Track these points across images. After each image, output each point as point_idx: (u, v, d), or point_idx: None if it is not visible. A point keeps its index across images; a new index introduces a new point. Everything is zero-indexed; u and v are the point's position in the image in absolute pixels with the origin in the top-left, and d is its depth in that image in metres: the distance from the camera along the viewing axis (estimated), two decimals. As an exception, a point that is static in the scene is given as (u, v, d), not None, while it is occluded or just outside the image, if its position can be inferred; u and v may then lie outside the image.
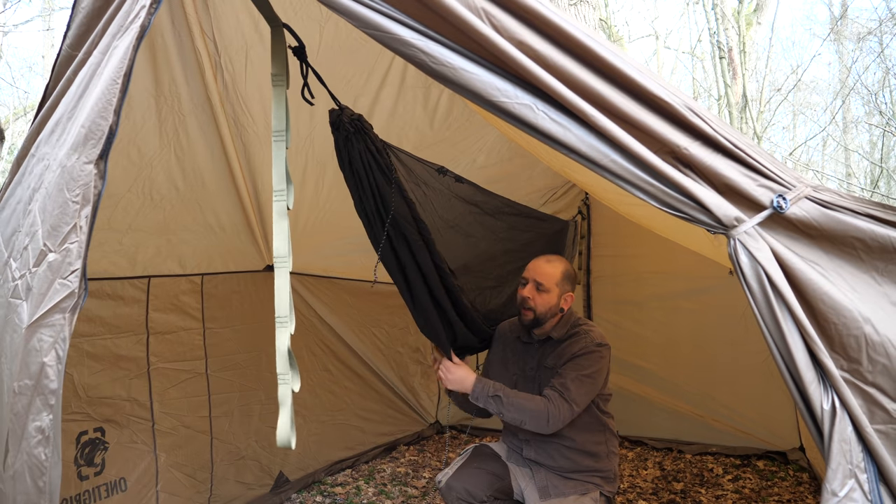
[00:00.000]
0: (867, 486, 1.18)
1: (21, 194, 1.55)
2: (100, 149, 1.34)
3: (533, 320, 2.41)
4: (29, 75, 13.21)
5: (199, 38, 2.29)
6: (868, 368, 1.21)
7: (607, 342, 2.43)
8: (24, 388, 1.31)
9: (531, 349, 2.50)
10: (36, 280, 1.34)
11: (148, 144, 2.39)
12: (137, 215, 2.55)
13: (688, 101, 1.33)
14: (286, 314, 1.61)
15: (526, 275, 2.46)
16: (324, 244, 3.55)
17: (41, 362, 1.30)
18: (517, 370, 2.52)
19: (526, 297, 2.40)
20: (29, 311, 1.33)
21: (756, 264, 1.24)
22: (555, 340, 2.44)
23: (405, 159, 2.34)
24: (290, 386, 1.61)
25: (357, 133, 2.07)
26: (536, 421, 2.24)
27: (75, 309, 1.31)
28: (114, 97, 1.35)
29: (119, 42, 1.43)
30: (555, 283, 2.41)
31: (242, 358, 3.23)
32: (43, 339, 1.31)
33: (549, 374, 2.40)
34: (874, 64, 11.79)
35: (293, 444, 1.59)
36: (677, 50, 15.04)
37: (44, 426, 1.29)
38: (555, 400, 2.26)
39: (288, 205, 1.70)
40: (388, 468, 3.94)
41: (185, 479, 2.92)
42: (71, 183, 1.34)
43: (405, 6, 1.34)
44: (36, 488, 1.29)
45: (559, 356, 2.39)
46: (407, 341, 4.41)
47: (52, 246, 1.34)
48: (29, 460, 1.30)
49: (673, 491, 3.49)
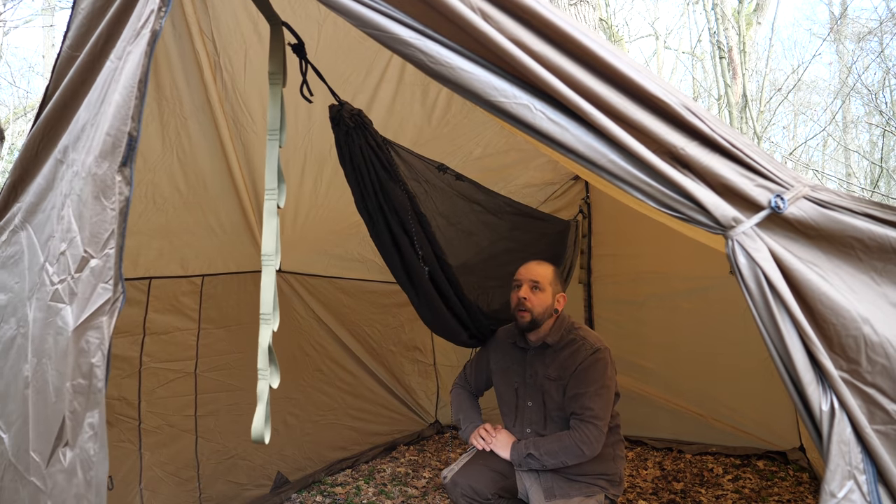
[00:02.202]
0: (866, 488, 1.18)
1: (54, 200, 1.61)
2: (122, 156, 1.42)
3: (530, 322, 2.41)
4: (29, 75, 13.22)
5: (198, 39, 2.29)
6: (867, 369, 1.21)
7: (605, 344, 2.44)
8: (80, 387, 1.41)
9: (529, 355, 2.51)
10: (80, 285, 1.42)
11: (151, 149, 2.40)
12: (140, 219, 2.55)
13: (685, 100, 1.32)
14: (270, 311, 1.68)
15: (518, 278, 2.47)
16: (323, 241, 3.56)
17: (90, 363, 1.39)
18: (518, 379, 2.53)
19: (522, 298, 2.41)
20: (75, 315, 1.42)
21: (754, 265, 1.24)
22: (552, 348, 2.44)
23: (405, 155, 2.35)
24: (268, 382, 1.67)
25: (357, 128, 2.08)
26: (574, 457, 2.29)
27: (114, 311, 1.41)
28: (132, 104, 1.43)
29: (133, 48, 1.48)
30: (548, 283, 2.43)
31: (234, 358, 3.23)
32: (90, 340, 1.40)
33: (553, 385, 2.41)
34: (874, 64, 11.79)
35: (266, 439, 1.67)
36: (677, 50, 15.04)
37: (94, 423, 1.40)
38: (579, 428, 2.30)
39: (278, 203, 1.72)
40: (388, 468, 3.94)
41: (169, 477, 2.92)
42: (106, 191, 1.42)
43: (404, 5, 1.33)
44: (85, 482, 1.38)
45: (562, 367, 2.40)
46: (401, 340, 4.41)
47: (94, 252, 1.42)
48: (81, 454, 1.39)
49: (673, 491, 3.49)
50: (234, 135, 2.68)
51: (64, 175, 1.59)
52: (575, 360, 2.38)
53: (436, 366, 4.69)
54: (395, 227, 2.28)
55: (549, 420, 2.45)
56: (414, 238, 2.33)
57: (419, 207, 2.32)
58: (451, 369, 4.66)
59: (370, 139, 2.13)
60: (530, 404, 2.48)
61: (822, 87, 15.46)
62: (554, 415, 2.43)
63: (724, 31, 10.59)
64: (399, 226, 2.28)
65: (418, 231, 2.33)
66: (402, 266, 2.39)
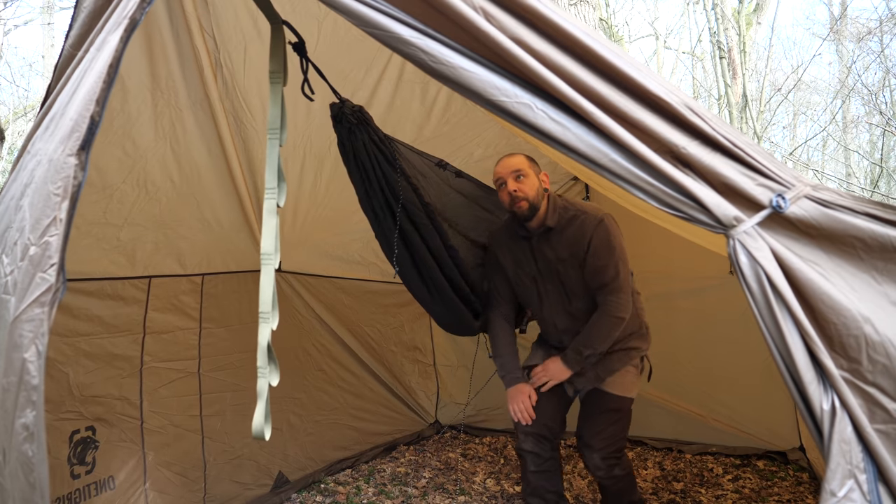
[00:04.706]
0: (866, 487, 1.18)
1: (14, 191, 1.54)
2: (81, 140, 1.33)
3: (529, 209, 2.42)
4: (29, 74, 13.21)
5: (197, 36, 2.29)
6: (868, 368, 1.21)
7: (603, 210, 2.51)
8: (10, 384, 1.31)
9: (534, 242, 2.52)
10: (20, 275, 1.33)
11: (143, 136, 2.38)
12: (133, 208, 2.54)
13: (687, 99, 1.32)
14: (269, 310, 1.66)
15: (500, 176, 2.45)
16: (323, 241, 3.55)
17: (22, 358, 1.28)
18: (530, 266, 2.55)
19: (513, 191, 2.40)
20: (14, 307, 1.32)
21: (755, 264, 1.24)
22: (555, 230, 2.47)
23: (404, 151, 2.35)
24: (267, 379, 1.65)
25: (360, 124, 2.08)
26: (617, 327, 2.43)
27: (53, 303, 1.29)
28: (98, 88, 1.35)
29: (111, 37, 1.43)
30: (528, 167, 2.44)
31: (236, 358, 3.22)
32: (24, 334, 1.29)
33: (566, 265, 2.47)
34: (874, 64, 11.79)
35: (267, 436, 1.64)
36: (677, 50, 15.03)
37: (28, 423, 1.28)
38: (610, 299, 2.41)
39: (278, 203, 1.71)
40: (388, 468, 3.94)
41: (175, 477, 2.92)
42: (54, 175, 1.33)
43: (405, 4, 1.33)
44: (28, 484, 1.30)
45: (572, 245, 2.44)
46: (401, 340, 4.40)
47: (34, 239, 1.32)
48: (19, 457, 1.30)
49: (673, 491, 3.49)
50: (233, 131, 2.68)
51: (27, 165, 1.52)
52: (584, 236, 2.42)
53: (436, 366, 4.69)
54: (403, 223, 2.28)
55: (573, 297, 2.51)
56: (421, 230, 2.33)
57: (424, 198, 2.33)
58: (451, 369, 4.65)
59: (373, 135, 2.14)
60: (549, 288, 2.53)
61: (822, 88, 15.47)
62: (576, 291, 2.49)
63: (724, 31, 10.59)
64: (408, 221, 2.28)
65: (426, 222, 2.34)
66: (411, 261, 2.39)
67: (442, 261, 2.43)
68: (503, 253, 2.63)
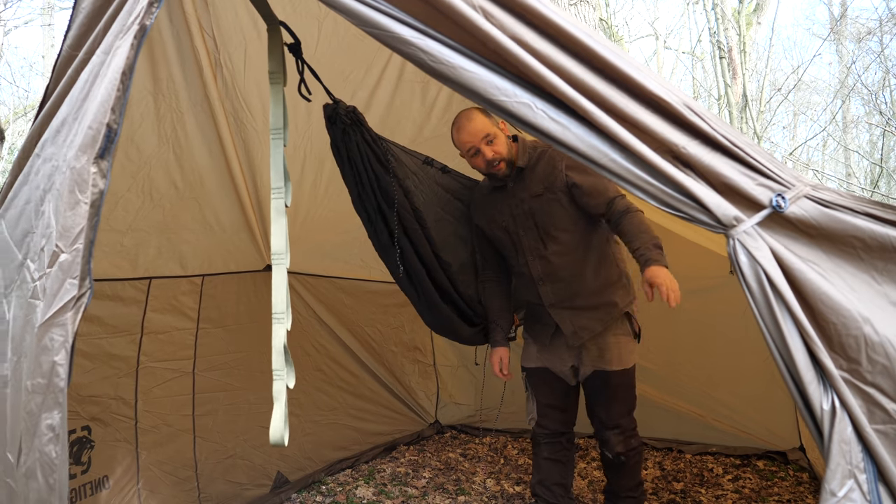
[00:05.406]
0: (866, 487, 1.18)
1: (29, 194, 1.57)
2: (100, 148, 1.39)
3: (507, 166, 2.39)
4: (29, 74, 13.22)
5: (197, 36, 2.29)
6: (867, 368, 1.21)
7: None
8: (38, 386, 1.36)
9: (510, 188, 2.48)
10: (49, 281, 1.39)
11: (146, 142, 2.39)
12: (137, 215, 2.54)
13: (686, 99, 1.32)
14: (283, 310, 1.64)
15: (469, 146, 2.38)
16: (323, 241, 3.55)
17: (52, 361, 1.34)
18: (504, 217, 2.50)
19: (489, 157, 2.35)
20: (42, 311, 1.38)
21: (755, 264, 1.24)
22: (527, 169, 2.43)
23: (395, 150, 2.35)
24: (284, 382, 1.63)
25: (354, 125, 2.08)
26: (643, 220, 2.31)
27: (79, 308, 1.36)
28: (113, 96, 1.39)
29: (121, 42, 1.45)
30: (491, 126, 2.38)
31: (232, 358, 3.22)
32: (54, 338, 1.35)
33: (540, 200, 2.40)
34: (874, 64, 11.79)
35: (286, 441, 1.62)
36: (677, 50, 15.03)
37: (54, 424, 1.34)
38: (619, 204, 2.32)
39: (286, 202, 1.71)
40: (388, 468, 3.94)
41: (166, 476, 2.92)
42: (82, 185, 1.39)
43: (405, 4, 1.33)
44: (47, 486, 1.33)
45: (547, 176, 2.39)
46: (401, 340, 4.40)
47: (64, 246, 1.39)
48: (41, 458, 1.34)
49: (673, 491, 3.49)
50: (234, 132, 2.68)
51: (40, 169, 1.55)
52: (555, 166, 2.37)
53: (436, 366, 4.69)
54: (392, 225, 2.28)
55: (548, 240, 2.43)
56: (411, 235, 2.33)
57: (414, 202, 2.32)
58: (451, 369, 4.65)
59: (366, 135, 2.14)
60: (521, 233, 2.46)
61: (822, 88, 15.47)
62: (549, 231, 2.42)
63: (724, 31, 10.58)
64: (398, 223, 2.28)
65: (415, 228, 2.33)
66: (401, 264, 2.39)
67: (431, 267, 2.42)
68: (478, 215, 2.61)
